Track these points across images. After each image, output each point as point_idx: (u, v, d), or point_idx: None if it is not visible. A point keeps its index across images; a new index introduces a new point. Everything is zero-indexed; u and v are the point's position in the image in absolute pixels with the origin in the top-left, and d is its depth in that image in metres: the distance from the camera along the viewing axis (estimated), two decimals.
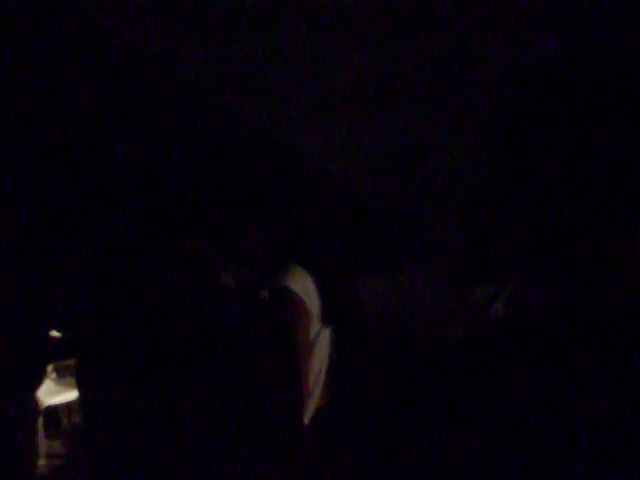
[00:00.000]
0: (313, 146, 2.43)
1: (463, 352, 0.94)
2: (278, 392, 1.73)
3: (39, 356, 1.94)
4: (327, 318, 1.98)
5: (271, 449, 1.59)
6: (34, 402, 2.16)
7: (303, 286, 1.93)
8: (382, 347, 2.19)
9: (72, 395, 3.28)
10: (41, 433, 3.30)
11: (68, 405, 3.48)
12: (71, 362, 2.45)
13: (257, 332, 1.87)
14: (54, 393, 3.50)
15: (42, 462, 3.26)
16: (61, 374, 3.46)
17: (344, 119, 2.43)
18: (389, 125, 2.45)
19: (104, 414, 1.60)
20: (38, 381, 2.06)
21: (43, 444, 3.27)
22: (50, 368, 3.65)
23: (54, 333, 1.95)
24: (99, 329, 1.66)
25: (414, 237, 2.51)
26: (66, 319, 1.76)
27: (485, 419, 0.89)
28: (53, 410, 3.47)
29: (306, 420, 1.90)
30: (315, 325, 1.95)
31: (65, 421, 3.48)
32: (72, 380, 2.55)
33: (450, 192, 2.46)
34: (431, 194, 2.52)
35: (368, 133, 2.51)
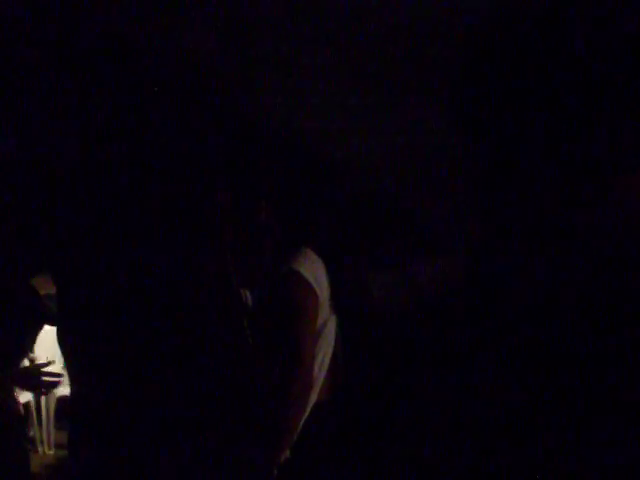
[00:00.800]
0: (332, 138, 2.40)
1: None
2: (279, 374, 1.67)
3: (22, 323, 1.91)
4: (335, 306, 1.93)
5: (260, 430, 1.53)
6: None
7: (313, 272, 1.87)
8: (386, 338, 2.12)
9: None
10: (51, 423, 3.28)
11: None
12: None
13: (264, 313, 1.82)
14: (67, 384, 3.48)
15: (51, 452, 3.24)
16: None
17: (361, 116, 2.41)
18: (400, 123, 2.43)
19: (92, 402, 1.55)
20: (21, 352, 2.02)
21: (52, 434, 3.25)
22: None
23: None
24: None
25: (422, 230, 2.46)
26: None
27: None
28: (65, 401, 3.46)
29: (308, 411, 1.84)
30: (323, 312, 1.89)
31: None
32: None
33: (457, 188, 2.41)
34: (439, 189, 2.48)
35: (382, 131, 2.49)
